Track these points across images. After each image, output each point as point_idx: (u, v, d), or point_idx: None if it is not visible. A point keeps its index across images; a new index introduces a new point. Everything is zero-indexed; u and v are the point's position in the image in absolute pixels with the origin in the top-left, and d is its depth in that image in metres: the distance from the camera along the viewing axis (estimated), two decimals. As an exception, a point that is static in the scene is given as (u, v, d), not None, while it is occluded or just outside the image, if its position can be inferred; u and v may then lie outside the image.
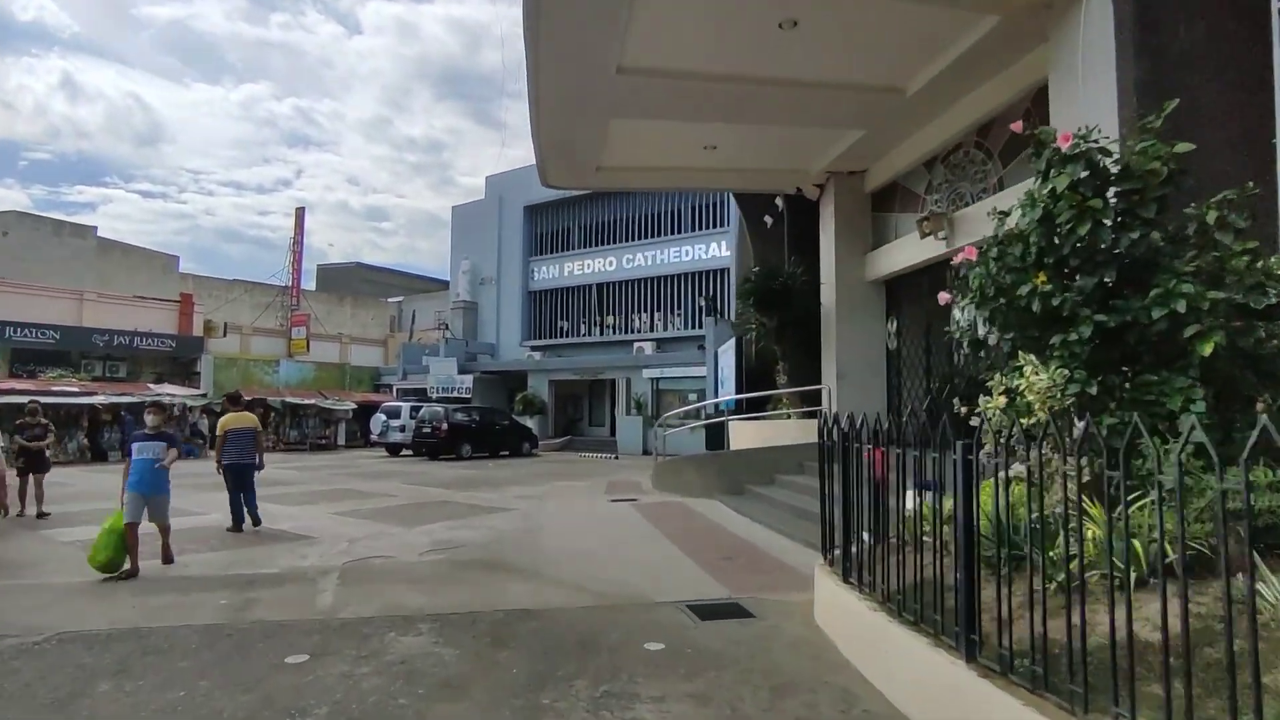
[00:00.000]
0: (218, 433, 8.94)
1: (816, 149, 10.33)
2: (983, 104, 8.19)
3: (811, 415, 11.24)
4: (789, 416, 11.38)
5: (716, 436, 16.66)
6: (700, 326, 27.13)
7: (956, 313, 4.60)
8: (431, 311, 45.87)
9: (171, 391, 23.40)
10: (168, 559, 6.54)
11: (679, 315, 28.20)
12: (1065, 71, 6.05)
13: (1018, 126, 4.17)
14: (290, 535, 8.14)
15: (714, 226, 27.52)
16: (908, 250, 9.71)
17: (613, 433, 29.48)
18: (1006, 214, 4.23)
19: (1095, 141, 3.93)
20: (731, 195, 16.18)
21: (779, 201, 14.08)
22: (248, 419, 9.00)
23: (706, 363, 23.72)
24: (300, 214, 39.81)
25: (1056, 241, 3.89)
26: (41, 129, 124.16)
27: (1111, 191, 3.84)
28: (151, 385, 23.97)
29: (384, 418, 23.40)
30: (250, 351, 33.85)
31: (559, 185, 11.52)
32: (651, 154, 10.68)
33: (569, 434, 29.35)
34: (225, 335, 32.19)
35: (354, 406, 27.19)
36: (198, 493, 11.33)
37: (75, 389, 21.15)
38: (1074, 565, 3.33)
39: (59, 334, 23.70)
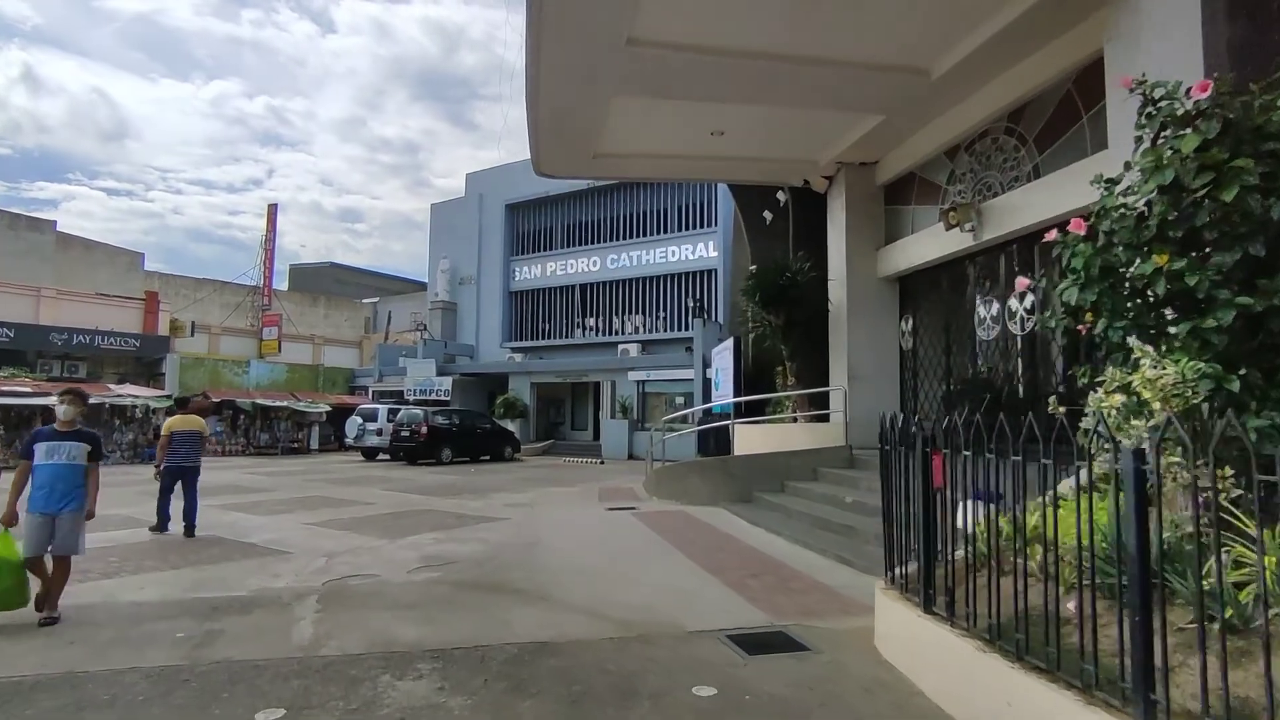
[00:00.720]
0: (163, 434, 8.44)
1: (830, 136, 9.76)
2: (1016, 86, 7.65)
3: (820, 419, 10.68)
4: (795, 420, 10.78)
5: (708, 441, 16.06)
6: (687, 328, 26.57)
7: (1027, 300, 3.99)
8: (407, 313, 44.77)
9: (134, 392, 22.21)
10: (47, 615, 4.65)
11: (664, 317, 27.57)
12: (1127, 40, 5.52)
13: (1127, 81, 3.57)
14: (261, 549, 7.32)
15: (701, 227, 26.96)
16: (927, 244, 9.17)
17: (596, 437, 28.77)
18: (1115, 181, 3.64)
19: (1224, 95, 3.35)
20: (727, 191, 15.61)
21: (781, 195, 13.53)
22: (195, 422, 8.64)
23: (695, 365, 23.15)
24: (272, 211, 38.66)
25: (1181, 212, 3.31)
26: (1, 123, 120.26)
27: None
28: (112, 386, 22.74)
29: (360, 421, 22.44)
30: (219, 352, 32.61)
31: (552, 173, 10.83)
32: (654, 139, 10.03)
33: (551, 438, 28.56)
34: (193, 335, 30.94)
35: (328, 409, 26.14)
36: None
37: (28, 389, 19.91)
38: (1244, 596, 2.76)
39: (13, 331, 22.39)
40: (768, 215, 14.15)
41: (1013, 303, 7.94)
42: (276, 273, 40.62)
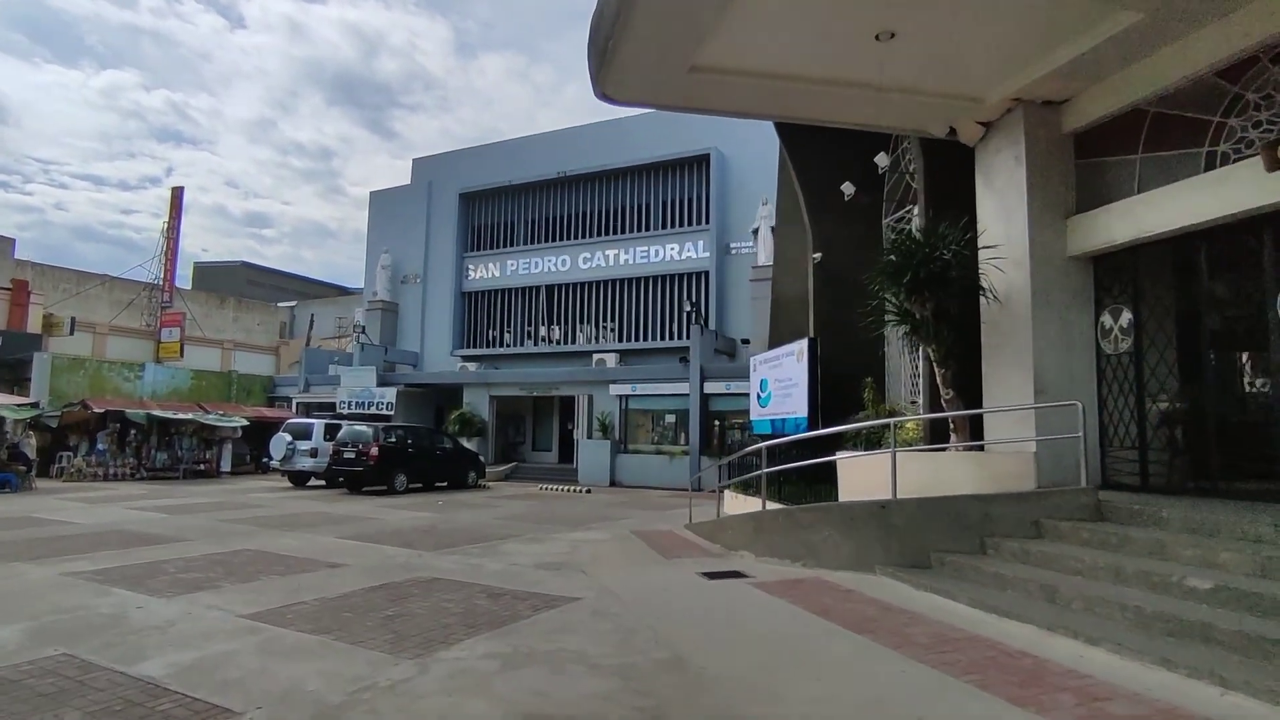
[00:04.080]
0: None
1: (1023, 54, 7.01)
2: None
3: (977, 448, 7.85)
4: (947, 449, 7.90)
5: (737, 472, 13.15)
6: (674, 336, 23.61)
7: None
8: (332, 318, 40.18)
9: (-16, 399, 17.32)
10: None
11: (647, 323, 24.47)
12: None
13: None
14: (178, 711, 3.75)
15: (690, 224, 24.14)
16: (1181, 203, 6.50)
17: (562, 458, 25.32)
18: None
19: None
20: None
21: (882, 159, 10.81)
22: None
23: (691, 378, 20.13)
24: (178, 196, 33.59)
25: None
26: None
27: None
28: (-44, 391, 17.73)
29: (288, 438, 18.23)
30: (106, 354, 27.34)
31: (618, 93, 7.61)
32: (782, 50, 7.02)
33: (510, 459, 24.91)
34: (72, 333, 25.77)
35: (244, 423, 21.63)
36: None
37: None
38: None
39: None
40: (849, 189, 11.39)
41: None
42: (180, 270, 35.38)
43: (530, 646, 4.71)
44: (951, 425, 7.85)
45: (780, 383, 11.77)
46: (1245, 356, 7.11)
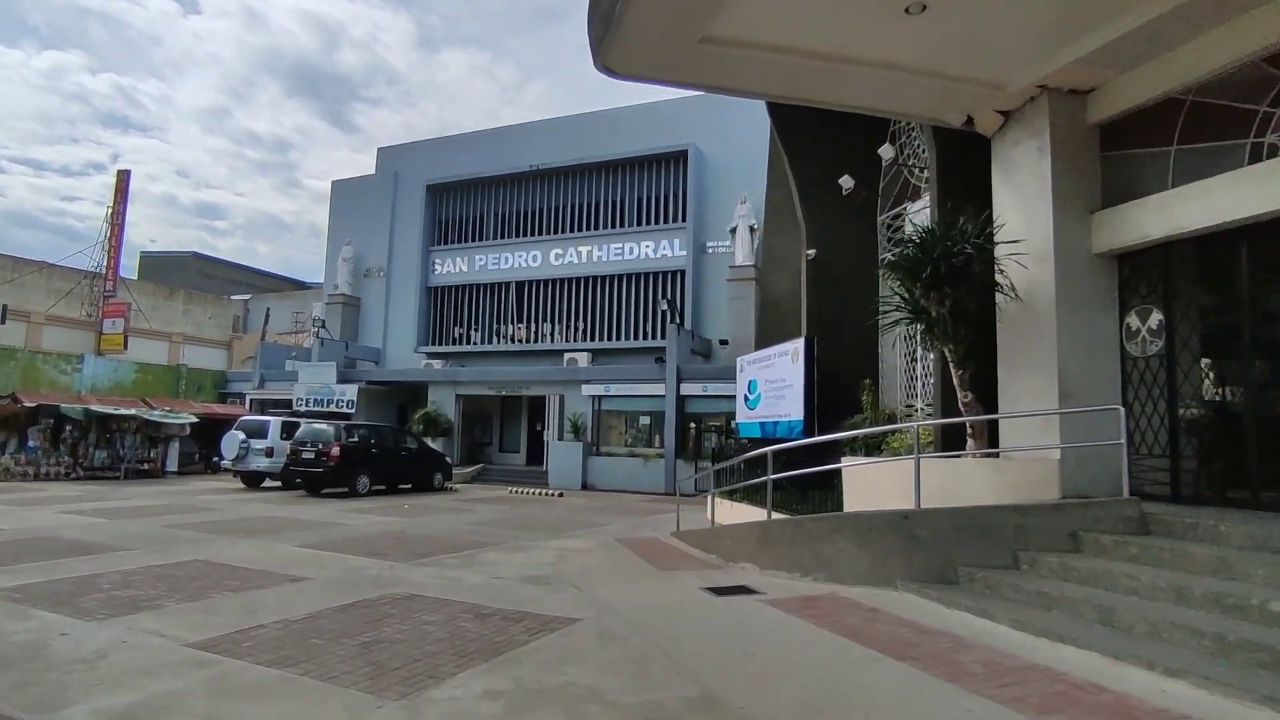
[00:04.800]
0: None
1: (1055, 37, 6.59)
2: None
3: (993, 454, 7.42)
4: (962, 456, 7.44)
5: (731, 478, 12.66)
6: (648, 336, 23.02)
7: None
8: (289, 313, 38.62)
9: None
10: None
11: (620, 322, 23.84)
12: None
13: None
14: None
15: (666, 221, 23.59)
16: (1220, 197, 6.15)
17: (529, 460, 24.57)
18: None
19: None
20: (781, 150, 12.29)
21: (886, 151, 10.39)
22: None
23: (667, 378, 19.55)
24: (124, 179, 31.82)
25: None
26: None
27: None
28: None
29: (242, 437, 17.10)
30: (42, 344, 25.62)
31: (621, 66, 6.96)
32: (801, 23, 6.49)
33: (476, 461, 24.02)
34: (3, 322, 24.06)
35: (194, 419, 20.34)
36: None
37: None
38: None
39: None
40: (848, 182, 10.94)
41: None
42: (125, 258, 33.65)
43: (535, 681, 4.05)
44: (969, 430, 7.40)
45: (772, 384, 11.25)
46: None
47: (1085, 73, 6.99)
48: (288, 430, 17.08)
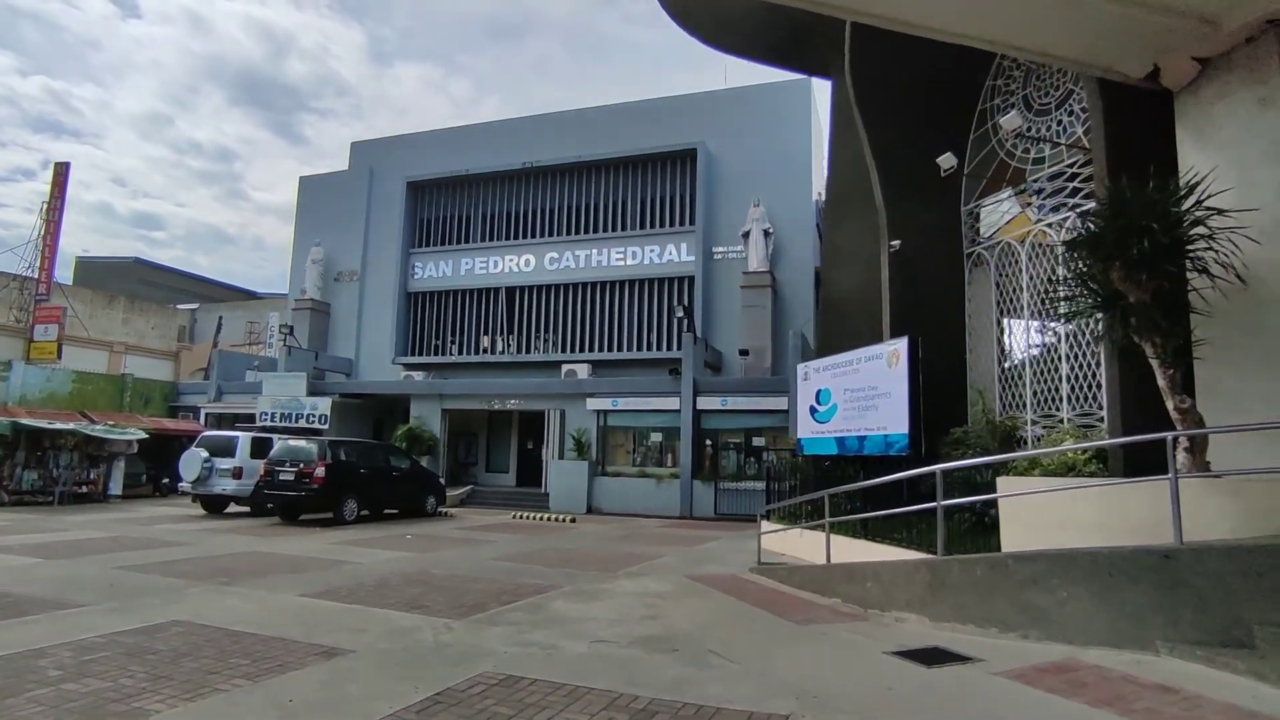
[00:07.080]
0: None
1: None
2: None
3: (1210, 476, 5.93)
4: (1193, 478, 5.94)
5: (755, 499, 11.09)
6: (656, 347, 21.34)
7: None
8: (242, 323, 35.92)
9: None
10: None
11: (626, 332, 22.10)
12: None
13: None
14: None
15: (673, 225, 22.04)
16: None
17: (524, 480, 22.55)
18: None
19: None
20: (860, 125, 10.82)
21: (947, 159, 9.11)
22: None
23: (683, 392, 17.86)
24: (61, 173, 29.12)
25: None
26: None
27: None
28: None
29: (204, 455, 14.74)
30: (-38, 351, 22.69)
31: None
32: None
33: (463, 481, 21.90)
34: (-82, 324, 21.12)
35: (142, 435, 17.78)
36: None
37: None
38: None
39: None
40: (949, 161, 9.52)
41: None
42: (60, 262, 30.57)
43: None
44: (1187, 445, 5.90)
45: (856, 392, 9.68)
46: None
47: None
48: (259, 448, 14.82)
